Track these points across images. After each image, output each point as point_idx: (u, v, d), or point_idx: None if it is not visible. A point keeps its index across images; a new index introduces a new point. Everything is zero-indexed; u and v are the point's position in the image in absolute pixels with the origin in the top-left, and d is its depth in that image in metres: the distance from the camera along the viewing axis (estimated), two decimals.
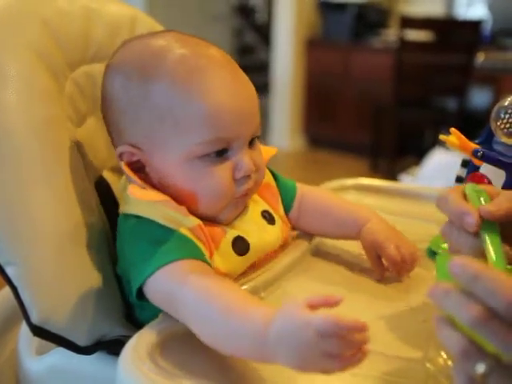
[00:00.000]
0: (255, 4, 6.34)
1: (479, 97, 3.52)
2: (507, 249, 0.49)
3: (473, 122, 2.76)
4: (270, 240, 0.67)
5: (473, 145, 0.71)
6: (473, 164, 0.72)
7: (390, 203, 0.92)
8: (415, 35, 3.24)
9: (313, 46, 4.10)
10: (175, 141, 0.59)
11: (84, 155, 0.70)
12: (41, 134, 0.64)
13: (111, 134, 0.66)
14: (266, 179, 0.71)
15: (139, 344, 0.50)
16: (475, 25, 3.22)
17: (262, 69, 4.96)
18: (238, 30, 5.73)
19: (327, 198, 0.77)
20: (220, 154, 0.60)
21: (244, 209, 0.66)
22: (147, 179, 0.62)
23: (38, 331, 0.61)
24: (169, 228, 0.58)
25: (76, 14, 0.74)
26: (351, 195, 0.96)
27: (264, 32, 5.55)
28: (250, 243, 0.63)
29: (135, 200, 0.60)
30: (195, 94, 0.59)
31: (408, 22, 3.19)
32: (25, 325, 0.64)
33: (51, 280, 0.61)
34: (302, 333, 0.43)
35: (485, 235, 0.48)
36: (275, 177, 0.74)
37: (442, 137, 0.73)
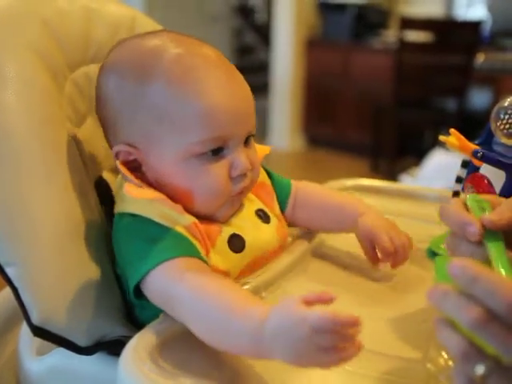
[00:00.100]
0: (255, 4, 6.34)
1: (479, 97, 3.52)
2: None
3: (472, 123, 2.76)
4: (266, 238, 0.67)
5: (472, 145, 0.71)
6: (473, 165, 0.72)
7: (390, 204, 0.92)
8: (415, 36, 3.25)
9: (312, 47, 4.10)
10: (171, 140, 0.60)
11: (83, 155, 0.70)
12: (41, 134, 0.64)
13: (107, 134, 0.66)
14: (261, 178, 0.71)
15: (140, 344, 0.50)
16: (475, 25, 3.22)
17: (262, 69, 4.97)
18: (238, 30, 5.74)
19: (321, 193, 0.77)
20: (216, 153, 0.60)
21: (239, 207, 0.66)
22: (143, 178, 0.62)
23: (39, 332, 0.61)
24: (164, 226, 0.58)
25: (76, 15, 0.74)
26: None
27: (264, 32, 5.55)
28: (246, 241, 0.64)
29: (131, 198, 0.61)
30: (191, 94, 0.59)
31: (408, 23, 3.20)
32: (25, 325, 0.64)
33: (51, 280, 0.61)
34: (298, 328, 0.44)
35: (488, 244, 0.48)
36: (270, 175, 0.75)
37: (442, 137, 0.73)
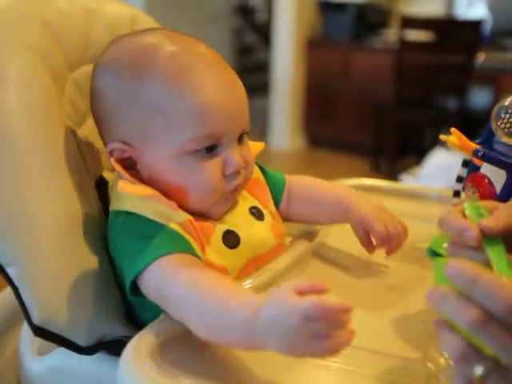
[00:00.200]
0: (255, 4, 6.34)
1: (479, 97, 3.52)
2: None
3: (473, 122, 2.75)
4: (260, 235, 0.67)
5: (473, 145, 0.71)
6: (473, 164, 0.72)
7: (391, 203, 0.91)
8: (415, 35, 3.24)
9: (313, 46, 4.09)
10: (166, 137, 0.60)
11: (84, 155, 0.70)
12: (41, 134, 0.64)
13: (101, 132, 0.66)
14: (255, 175, 0.71)
15: (140, 344, 0.50)
16: (475, 25, 3.22)
17: (262, 69, 4.97)
18: (238, 30, 5.73)
19: (314, 185, 0.77)
20: (210, 151, 0.61)
21: (233, 204, 0.67)
22: (138, 176, 0.63)
23: (39, 331, 0.61)
24: (159, 223, 0.58)
25: (76, 15, 0.74)
26: None
27: (264, 32, 5.55)
28: (241, 237, 0.64)
29: (125, 196, 0.61)
30: (186, 92, 0.59)
31: (408, 22, 3.19)
32: (26, 325, 0.64)
33: (52, 280, 0.61)
34: (290, 318, 0.44)
35: (488, 248, 0.48)
36: (263, 171, 0.75)
37: (443, 137, 0.73)
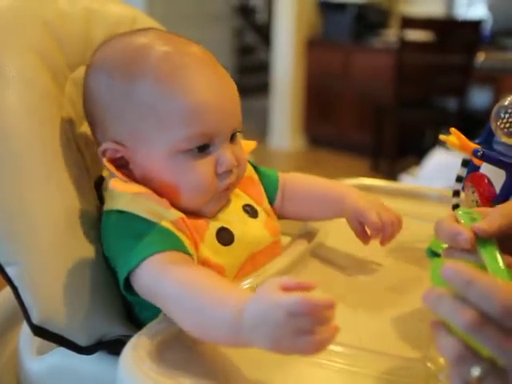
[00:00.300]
0: (255, 4, 6.35)
1: (479, 97, 3.52)
2: (510, 260, 0.49)
3: (473, 122, 2.76)
4: (254, 233, 0.67)
5: (473, 145, 0.71)
6: (473, 164, 0.72)
7: (391, 203, 0.91)
8: (415, 35, 3.24)
9: (313, 47, 4.09)
10: (158, 137, 0.60)
11: (84, 155, 0.71)
12: (41, 134, 0.64)
13: (95, 132, 0.66)
14: (248, 173, 0.72)
15: (140, 343, 0.50)
16: (475, 25, 3.22)
17: (262, 69, 4.97)
18: (239, 30, 5.74)
19: (308, 182, 0.77)
20: (202, 150, 0.61)
21: (227, 202, 0.67)
22: (130, 175, 0.63)
23: (39, 331, 0.61)
24: (151, 221, 0.59)
25: (77, 15, 0.74)
26: None
27: (264, 32, 5.55)
28: (235, 234, 0.64)
29: (118, 195, 0.61)
30: (178, 91, 0.60)
31: (408, 23, 3.19)
32: (25, 325, 0.64)
33: (51, 280, 0.61)
34: (274, 314, 0.44)
35: (481, 249, 0.48)
36: (257, 170, 0.75)
37: (443, 137, 0.73)
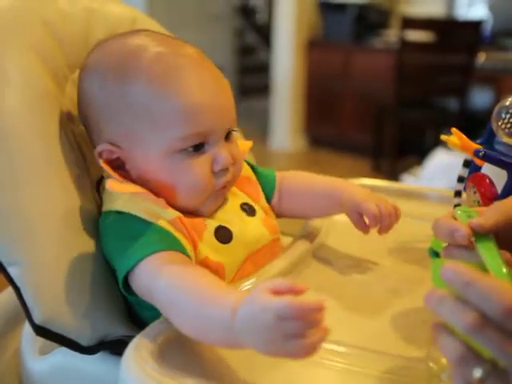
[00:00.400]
0: (256, 4, 6.34)
1: (480, 97, 3.52)
2: (508, 256, 0.49)
3: (474, 122, 2.75)
4: (253, 231, 0.67)
5: (474, 145, 0.71)
6: (474, 164, 0.72)
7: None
8: (416, 36, 3.24)
9: (313, 47, 4.09)
10: (153, 137, 0.60)
11: (85, 155, 0.71)
12: (42, 134, 0.64)
13: (90, 134, 0.66)
14: (246, 173, 0.72)
15: (142, 344, 0.50)
16: (476, 25, 3.22)
17: (263, 69, 4.96)
18: (239, 31, 5.73)
19: (304, 179, 0.78)
20: (197, 149, 0.61)
21: (224, 201, 0.67)
22: (127, 176, 0.63)
23: (41, 331, 0.61)
24: (148, 221, 0.59)
25: (77, 16, 0.75)
26: None
27: (265, 33, 5.55)
28: (233, 232, 0.64)
29: (115, 197, 0.62)
30: (172, 91, 0.60)
31: (409, 23, 3.19)
32: (27, 325, 0.64)
33: (53, 280, 0.61)
34: (263, 317, 0.44)
35: (478, 244, 0.48)
36: (253, 169, 0.76)
37: (444, 137, 0.73)
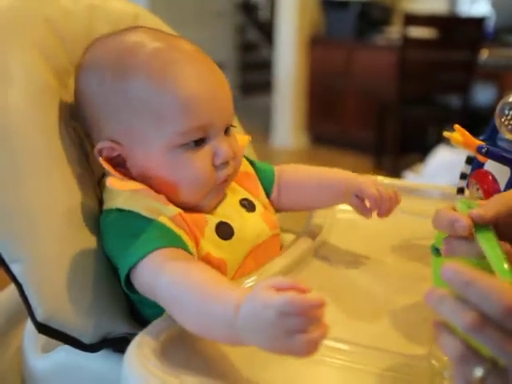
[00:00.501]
0: (258, 1, 6.33)
1: (483, 94, 3.51)
2: (508, 247, 0.49)
3: (477, 119, 2.75)
4: (253, 226, 0.67)
5: (477, 141, 0.71)
6: (477, 161, 0.72)
7: None
8: (419, 32, 3.23)
9: (316, 44, 4.09)
10: (154, 133, 0.60)
11: (88, 152, 0.71)
12: (45, 131, 0.64)
13: (91, 133, 0.66)
14: (245, 168, 0.72)
15: (144, 341, 0.50)
16: (478, 22, 3.21)
17: (265, 66, 4.96)
18: (241, 27, 5.72)
19: (302, 172, 0.78)
20: (198, 143, 0.62)
21: (223, 197, 0.67)
22: (127, 173, 0.63)
23: (43, 329, 0.61)
24: (149, 218, 0.59)
25: (79, 13, 0.75)
26: None
27: (267, 29, 5.54)
28: (234, 227, 0.65)
29: (116, 194, 0.62)
30: (170, 86, 0.60)
31: (411, 20, 3.18)
32: (30, 322, 0.64)
33: (56, 277, 0.61)
34: (265, 313, 0.44)
35: (478, 235, 0.48)
36: (252, 164, 0.76)
37: (446, 134, 0.73)
